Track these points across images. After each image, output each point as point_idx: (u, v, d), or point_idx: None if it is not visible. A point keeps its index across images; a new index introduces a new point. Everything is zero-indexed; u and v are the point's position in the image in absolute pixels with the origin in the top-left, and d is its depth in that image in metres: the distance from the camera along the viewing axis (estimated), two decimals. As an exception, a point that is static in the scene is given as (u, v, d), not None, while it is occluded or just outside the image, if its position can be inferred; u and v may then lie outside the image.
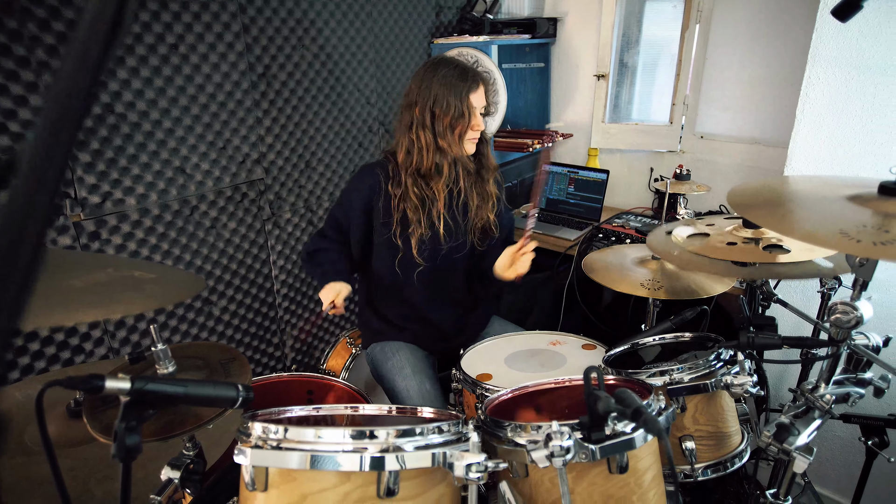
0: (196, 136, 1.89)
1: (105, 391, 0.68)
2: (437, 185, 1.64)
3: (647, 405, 0.98)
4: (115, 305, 0.57)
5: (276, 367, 2.42)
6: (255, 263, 2.20)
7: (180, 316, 1.99)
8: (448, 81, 1.55)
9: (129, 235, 1.79)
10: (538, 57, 2.89)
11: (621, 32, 2.69)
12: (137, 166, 1.76)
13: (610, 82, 2.73)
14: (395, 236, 1.65)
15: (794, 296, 1.78)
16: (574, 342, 1.72)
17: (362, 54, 2.38)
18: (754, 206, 0.95)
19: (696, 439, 1.15)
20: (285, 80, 2.11)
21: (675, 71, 2.52)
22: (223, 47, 1.89)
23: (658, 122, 2.69)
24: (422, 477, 0.85)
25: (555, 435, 0.84)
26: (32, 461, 1.09)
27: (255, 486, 0.83)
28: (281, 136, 2.16)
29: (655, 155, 2.69)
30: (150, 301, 0.63)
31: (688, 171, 2.05)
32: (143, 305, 0.59)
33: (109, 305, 0.56)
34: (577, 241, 2.41)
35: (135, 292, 0.60)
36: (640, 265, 1.68)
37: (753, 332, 1.08)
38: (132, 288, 0.61)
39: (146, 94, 1.73)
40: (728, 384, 1.09)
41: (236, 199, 2.07)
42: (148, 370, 0.94)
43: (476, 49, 2.50)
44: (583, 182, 2.68)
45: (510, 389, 1.17)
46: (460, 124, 1.57)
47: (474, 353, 1.70)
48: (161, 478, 0.98)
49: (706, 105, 2.49)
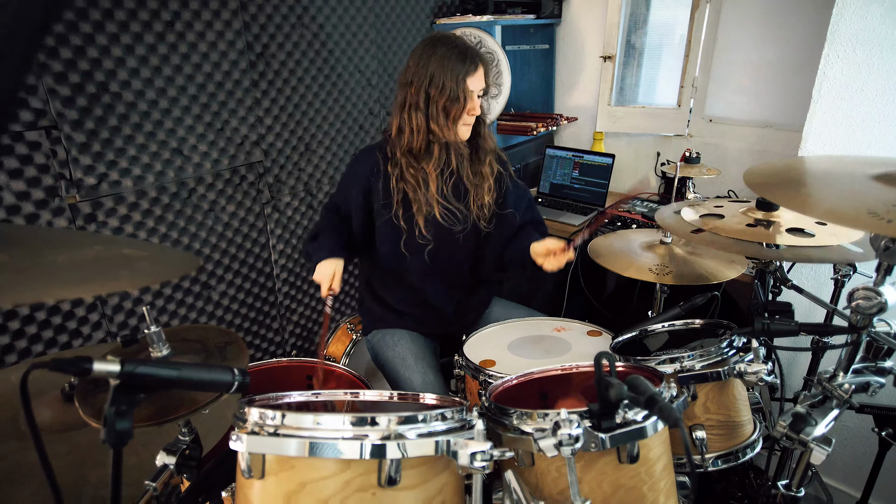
0: (193, 117, 1.84)
1: (93, 374, 0.65)
2: (428, 166, 1.59)
3: (660, 392, 0.95)
4: (101, 282, 0.53)
5: (276, 353, 2.39)
6: (254, 247, 2.17)
7: (179, 300, 1.96)
8: (446, 62, 1.49)
9: (126, 218, 1.75)
10: (543, 38, 2.83)
11: (629, 13, 2.62)
12: (133, 147, 1.72)
13: (616, 64, 2.66)
14: (398, 217, 1.60)
15: (806, 282, 1.74)
16: (579, 328, 1.69)
17: (363, 34, 2.32)
18: (773, 185, 0.90)
19: (707, 429, 1.12)
20: (284, 59, 2.06)
21: (683, 52, 2.46)
22: (220, 25, 1.83)
23: (665, 105, 2.63)
24: (424, 465, 0.81)
25: (563, 423, 0.81)
26: (26, 445, 1.06)
27: (252, 473, 0.80)
28: (280, 118, 2.11)
29: (662, 139, 2.63)
30: (139, 279, 0.60)
31: (697, 155, 2.00)
32: (132, 283, 0.55)
33: (96, 282, 0.53)
34: (580, 226, 2.36)
35: (124, 269, 0.56)
36: (648, 250, 1.64)
37: (768, 318, 1.04)
38: (121, 265, 0.57)
39: (142, 72, 1.68)
40: (742, 372, 1.06)
41: (235, 182, 2.03)
42: (142, 353, 0.90)
43: (479, 29, 2.44)
44: (588, 166, 2.63)
45: (516, 375, 1.13)
46: (455, 108, 1.51)
47: (477, 338, 1.67)
48: (156, 463, 0.95)
49: (716, 87, 2.43)
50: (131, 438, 0.70)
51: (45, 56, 1.49)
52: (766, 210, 1.29)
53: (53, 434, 1.09)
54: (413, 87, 1.52)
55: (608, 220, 1.40)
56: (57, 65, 1.51)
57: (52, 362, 0.62)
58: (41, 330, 1.63)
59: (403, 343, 1.72)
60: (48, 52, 1.49)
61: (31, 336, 1.61)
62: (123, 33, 1.62)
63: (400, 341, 1.73)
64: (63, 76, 1.53)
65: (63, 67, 1.53)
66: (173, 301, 1.94)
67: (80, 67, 1.56)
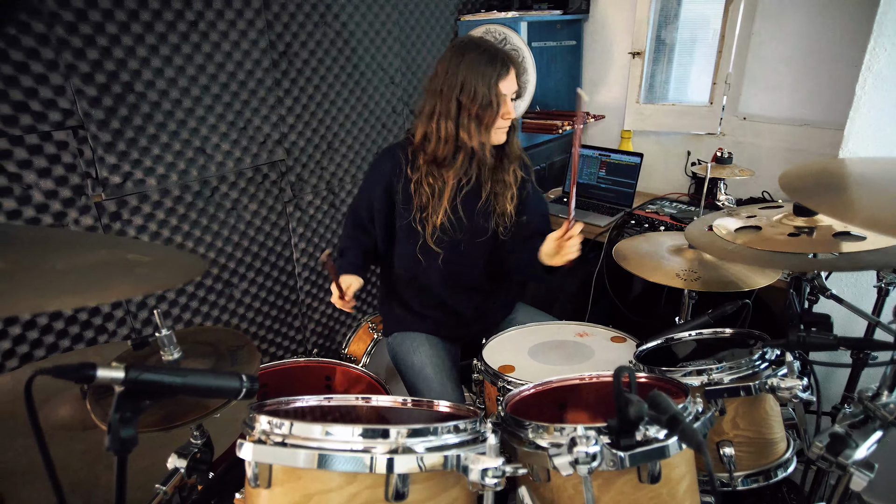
0: (216, 116, 1.85)
1: (97, 381, 0.64)
2: (447, 174, 1.57)
3: (684, 409, 0.90)
4: (99, 291, 0.52)
5: (298, 351, 2.40)
6: (276, 246, 2.17)
7: (201, 297, 1.97)
8: (476, 67, 1.45)
9: (150, 216, 1.78)
10: (570, 34, 2.76)
11: (659, 7, 2.53)
12: (157, 146, 1.74)
13: (646, 60, 2.58)
14: (416, 221, 1.59)
15: (846, 290, 1.65)
16: (602, 334, 1.64)
17: (386, 32, 2.30)
18: (810, 189, 0.84)
19: (736, 445, 1.06)
20: (307, 58, 2.06)
21: (716, 48, 2.36)
22: (244, 24, 1.84)
23: (697, 102, 2.53)
24: (434, 480, 0.79)
25: (580, 440, 0.77)
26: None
27: (259, 482, 0.78)
28: (303, 117, 2.11)
29: (693, 137, 2.54)
30: (139, 286, 0.59)
31: (729, 155, 1.92)
32: (129, 292, 0.54)
33: (93, 291, 0.51)
34: (607, 227, 2.30)
35: (125, 277, 0.55)
36: (676, 254, 1.58)
37: (804, 331, 0.98)
38: (121, 273, 0.56)
39: (166, 72, 1.70)
40: (774, 387, 1.00)
41: (257, 181, 2.04)
42: (153, 356, 0.90)
43: (504, 26, 2.40)
44: (615, 166, 2.56)
45: (533, 385, 1.10)
46: (488, 114, 1.47)
47: (497, 342, 1.63)
48: (167, 466, 0.95)
49: (750, 84, 2.33)
50: (136, 445, 0.69)
51: (73, 57, 1.51)
52: (807, 215, 1.21)
53: (71, 432, 1.11)
54: (443, 95, 1.49)
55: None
56: (84, 66, 1.54)
57: (56, 369, 0.61)
58: (68, 325, 1.66)
59: (423, 351, 1.70)
60: (75, 54, 1.51)
61: (58, 331, 1.64)
62: (148, 33, 1.63)
63: (419, 348, 1.71)
64: (90, 77, 1.55)
65: (90, 68, 1.55)
66: (196, 299, 1.96)
67: (107, 68, 1.58)
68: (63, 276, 0.51)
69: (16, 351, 1.57)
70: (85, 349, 1.60)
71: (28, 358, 1.59)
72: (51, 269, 0.51)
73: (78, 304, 0.48)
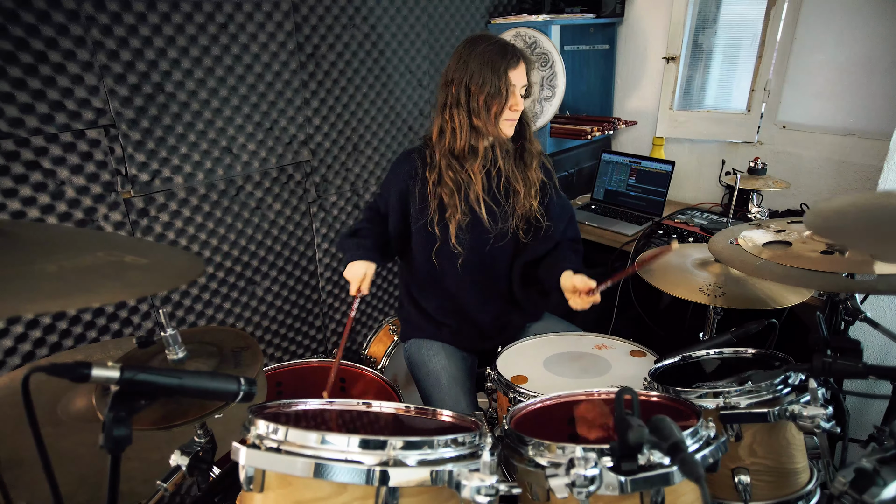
0: (243, 117, 1.88)
1: (91, 380, 0.65)
2: (473, 166, 1.54)
3: (694, 432, 0.86)
4: (84, 295, 0.52)
5: (318, 350, 2.42)
6: (299, 245, 2.20)
7: (224, 294, 2.01)
8: (486, 57, 1.44)
9: (177, 213, 1.82)
10: (603, 38, 2.70)
11: (696, 11, 2.45)
12: (185, 145, 1.78)
13: (681, 66, 2.50)
14: (433, 224, 1.57)
15: (884, 314, 1.55)
16: (622, 347, 1.59)
17: (415, 35, 2.30)
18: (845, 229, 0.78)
19: (753, 473, 1.01)
20: (334, 60, 2.07)
21: (756, 53, 2.27)
22: (272, 27, 1.87)
23: (733, 109, 2.44)
24: (426, 494, 0.77)
25: (578, 461, 0.75)
26: (60, 432, 1.11)
27: (252, 486, 0.78)
28: (328, 118, 2.13)
29: (729, 146, 2.45)
30: (128, 291, 0.59)
31: (763, 165, 1.83)
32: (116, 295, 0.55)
33: (79, 294, 0.52)
34: (634, 236, 2.24)
35: (115, 281, 0.56)
36: (701, 267, 1.52)
37: (831, 357, 0.92)
38: (112, 276, 0.57)
39: (195, 73, 1.74)
40: (795, 415, 0.94)
41: (282, 181, 2.07)
42: (158, 355, 0.91)
43: (535, 29, 2.36)
44: (645, 173, 2.49)
45: (540, 399, 1.07)
46: (496, 102, 1.45)
47: (512, 351, 1.60)
48: (170, 463, 0.96)
49: (791, 91, 2.22)
50: (129, 444, 0.70)
51: (107, 58, 1.56)
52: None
53: (87, 423, 1.14)
54: (453, 85, 1.48)
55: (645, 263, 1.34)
56: (117, 66, 1.59)
57: (51, 367, 0.63)
58: (96, 317, 1.72)
59: (439, 360, 1.68)
60: (109, 55, 1.57)
61: (86, 322, 1.70)
62: (179, 35, 1.68)
63: (435, 357, 1.69)
64: (122, 77, 1.60)
65: (123, 69, 1.60)
66: (218, 295, 2.00)
67: (138, 69, 1.62)
68: (50, 279, 0.52)
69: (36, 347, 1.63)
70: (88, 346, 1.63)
71: (55, 348, 1.66)
72: (40, 272, 0.52)
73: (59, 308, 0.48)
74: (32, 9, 1.42)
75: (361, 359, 2.30)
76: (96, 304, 0.74)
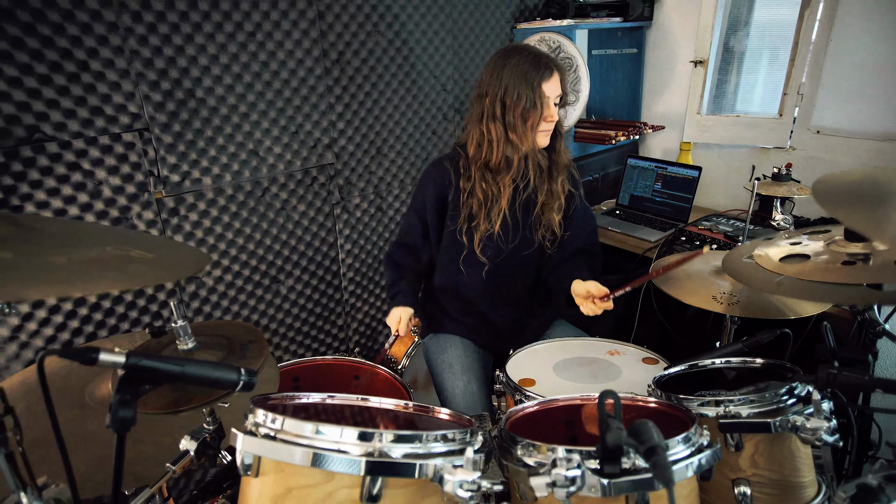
0: (269, 121, 1.96)
1: (98, 364, 0.70)
2: (504, 179, 1.57)
3: (686, 438, 0.85)
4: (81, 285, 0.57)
5: (340, 349, 2.48)
6: (322, 246, 2.26)
7: (249, 291, 2.09)
8: (520, 70, 1.46)
9: (205, 213, 1.91)
10: (631, 42, 2.67)
11: (727, 13, 2.39)
12: (214, 148, 1.86)
13: (710, 69, 2.45)
14: (461, 233, 1.61)
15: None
16: (634, 354, 1.57)
17: (439, 40, 2.33)
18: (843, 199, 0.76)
19: (754, 485, 0.98)
20: (359, 66, 2.13)
21: (789, 56, 2.20)
22: (298, 34, 1.93)
23: (765, 114, 2.37)
24: (411, 487, 0.79)
25: (560, 462, 0.75)
26: (86, 415, 1.18)
27: (248, 470, 0.82)
28: (353, 122, 2.18)
29: (760, 151, 2.38)
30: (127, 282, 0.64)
31: (788, 171, 1.78)
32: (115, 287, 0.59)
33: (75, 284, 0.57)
34: (657, 243, 2.20)
35: (116, 273, 0.61)
36: (718, 275, 1.48)
37: (836, 368, 0.90)
38: (114, 268, 0.62)
39: (224, 79, 1.82)
40: (797, 426, 0.92)
41: (306, 183, 2.13)
42: (170, 345, 0.97)
43: (559, 34, 2.36)
44: (671, 179, 2.44)
45: (537, 402, 1.07)
46: (532, 115, 1.48)
47: (524, 355, 1.61)
48: (180, 447, 1.01)
49: (826, 95, 2.15)
50: (134, 425, 0.75)
51: (143, 66, 1.66)
52: (860, 240, 1.09)
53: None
54: (488, 98, 1.51)
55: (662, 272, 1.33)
56: (152, 74, 1.68)
57: (62, 350, 0.68)
58: (128, 309, 1.82)
59: (453, 350, 1.72)
60: (145, 63, 1.66)
61: (119, 315, 1.80)
62: (210, 44, 1.76)
63: (450, 347, 1.73)
64: (156, 84, 1.70)
65: (157, 76, 1.69)
66: (244, 292, 2.08)
67: (171, 76, 1.72)
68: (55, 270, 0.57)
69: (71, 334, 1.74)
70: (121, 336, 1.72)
71: (91, 337, 1.76)
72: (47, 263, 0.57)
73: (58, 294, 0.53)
74: (76, 21, 1.53)
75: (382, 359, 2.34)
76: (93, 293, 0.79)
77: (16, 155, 1.52)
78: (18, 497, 0.79)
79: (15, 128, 1.50)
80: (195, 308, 1.97)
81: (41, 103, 1.53)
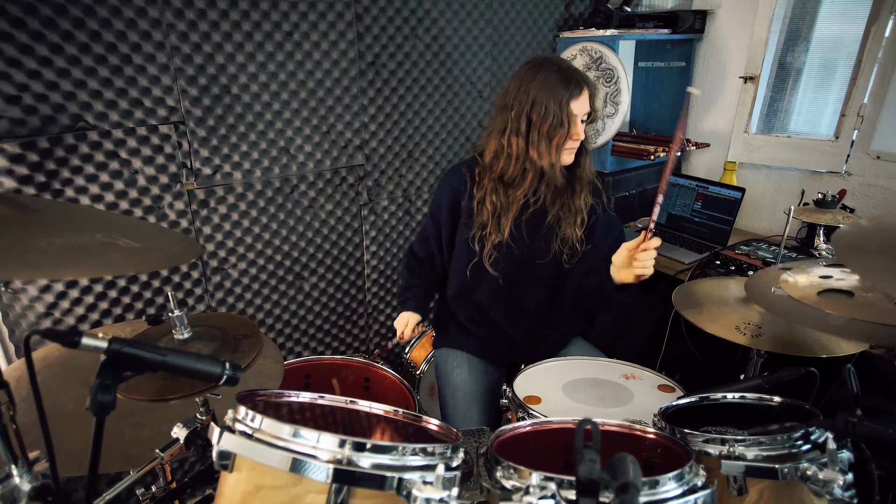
0: (302, 120, 1.99)
1: (81, 347, 0.72)
2: (515, 193, 1.53)
3: (679, 476, 0.79)
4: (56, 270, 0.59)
5: (360, 349, 2.49)
6: (347, 246, 2.28)
7: (272, 286, 2.13)
8: (548, 86, 1.42)
9: (234, 206, 1.96)
10: (680, 55, 2.57)
11: (784, 27, 2.27)
12: (246, 144, 1.91)
13: (761, 86, 2.32)
14: (473, 241, 1.59)
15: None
16: (651, 379, 1.50)
17: (478, 46, 2.31)
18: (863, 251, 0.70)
19: (757, 534, 0.90)
20: (394, 69, 2.14)
21: (850, 75, 2.05)
22: (335, 35, 1.96)
23: (819, 135, 2.22)
24: (380, 498, 0.77)
25: (533, 490, 0.71)
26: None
27: (224, 465, 0.82)
28: (385, 125, 2.19)
29: (812, 175, 2.23)
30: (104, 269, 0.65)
31: (834, 198, 1.65)
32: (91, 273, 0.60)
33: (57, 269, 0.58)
34: (690, 265, 2.10)
35: (96, 259, 0.62)
36: (744, 304, 1.40)
37: (857, 417, 0.82)
38: (95, 255, 0.63)
39: (260, 77, 1.86)
40: (808, 476, 0.83)
41: (335, 183, 2.16)
42: (167, 333, 0.99)
43: (601, 44, 2.30)
44: (712, 199, 2.33)
45: (529, 423, 1.03)
46: (559, 134, 1.44)
47: (534, 371, 1.56)
48: (172, 435, 1.03)
49: (889, 117, 1.99)
50: (113, 409, 0.77)
51: (182, 62, 1.72)
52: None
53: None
54: (514, 111, 1.48)
55: (679, 152, 1.21)
56: (190, 69, 1.74)
57: (46, 331, 0.70)
58: (155, 295, 1.88)
59: (461, 372, 1.70)
60: (184, 59, 1.72)
61: (147, 300, 1.87)
62: (248, 42, 1.81)
63: (458, 369, 1.71)
64: (194, 79, 1.76)
65: (195, 72, 1.75)
66: (267, 286, 2.12)
67: (209, 72, 1.77)
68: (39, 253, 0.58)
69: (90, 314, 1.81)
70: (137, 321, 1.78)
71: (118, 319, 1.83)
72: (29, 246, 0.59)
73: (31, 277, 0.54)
74: (122, 17, 1.60)
75: (402, 362, 2.33)
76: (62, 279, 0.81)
77: (59, 141, 1.60)
78: (9, 469, 0.82)
79: (61, 116, 1.59)
80: (219, 299, 2.03)
81: (86, 94, 1.61)
